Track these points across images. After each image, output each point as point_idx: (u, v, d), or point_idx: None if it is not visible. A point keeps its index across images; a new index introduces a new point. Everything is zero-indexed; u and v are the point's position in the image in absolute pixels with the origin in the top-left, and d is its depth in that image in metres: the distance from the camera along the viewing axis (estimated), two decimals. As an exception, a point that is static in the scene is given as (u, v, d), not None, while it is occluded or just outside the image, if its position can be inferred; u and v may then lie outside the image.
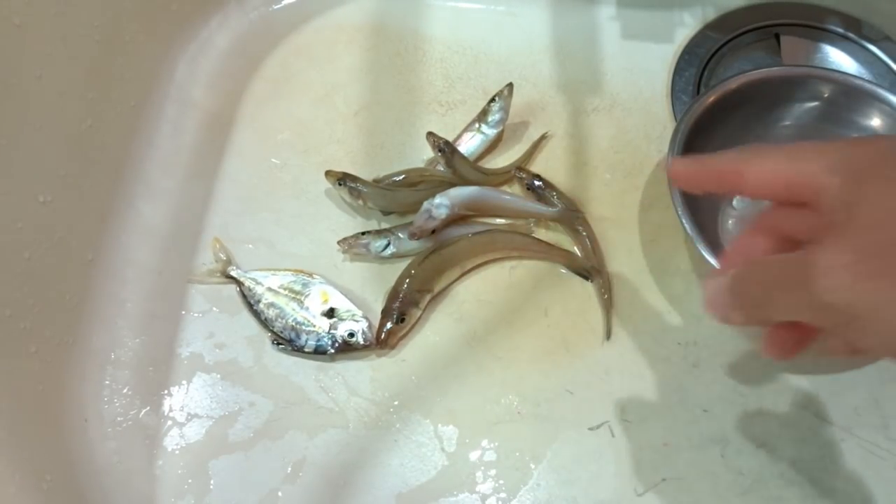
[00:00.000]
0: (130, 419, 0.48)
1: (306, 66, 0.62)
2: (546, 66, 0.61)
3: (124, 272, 0.52)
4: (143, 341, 0.51)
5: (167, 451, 0.47)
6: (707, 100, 0.50)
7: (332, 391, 0.49)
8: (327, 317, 0.50)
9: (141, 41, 0.56)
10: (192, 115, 0.59)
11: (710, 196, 0.44)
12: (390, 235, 0.52)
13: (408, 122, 0.59)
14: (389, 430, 0.47)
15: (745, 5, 0.62)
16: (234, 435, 0.48)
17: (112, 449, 0.47)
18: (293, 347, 0.50)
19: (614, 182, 0.56)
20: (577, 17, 0.63)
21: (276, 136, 0.59)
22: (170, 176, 0.56)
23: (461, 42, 0.63)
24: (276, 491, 0.46)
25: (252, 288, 0.51)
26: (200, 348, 0.50)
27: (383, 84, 0.61)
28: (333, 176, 0.54)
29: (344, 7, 0.64)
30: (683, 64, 0.60)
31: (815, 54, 0.60)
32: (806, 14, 0.62)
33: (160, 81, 0.58)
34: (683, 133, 0.49)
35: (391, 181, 0.55)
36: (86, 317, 0.49)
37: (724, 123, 0.50)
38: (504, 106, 0.56)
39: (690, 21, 0.62)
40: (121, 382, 0.49)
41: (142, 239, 0.53)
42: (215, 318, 0.51)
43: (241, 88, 0.61)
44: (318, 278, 0.52)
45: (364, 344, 0.49)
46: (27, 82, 0.46)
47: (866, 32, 0.60)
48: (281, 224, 0.55)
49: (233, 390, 0.49)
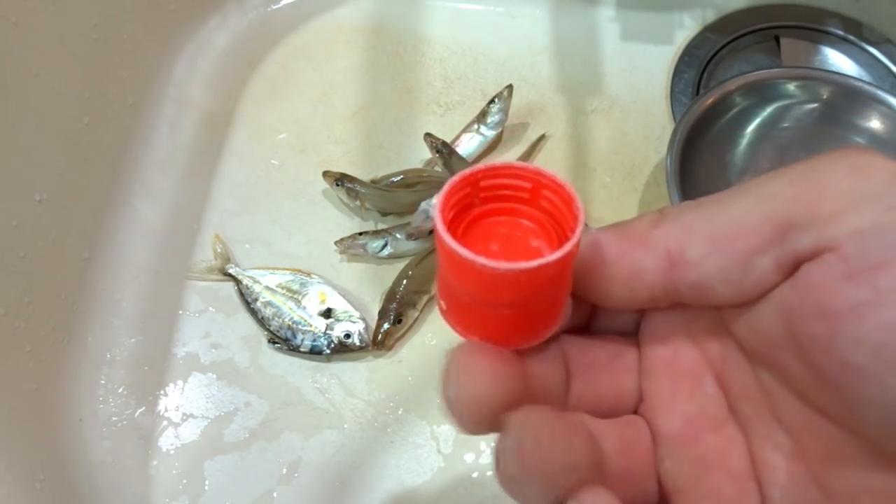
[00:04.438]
0: (125, 419, 0.48)
1: (305, 66, 0.62)
2: (545, 67, 0.61)
3: (120, 271, 0.52)
4: (139, 341, 0.50)
5: (162, 451, 0.47)
6: (706, 101, 0.50)
7: (329, 392, 0.48)
8: (324, 317, 0.49)
9: (139, 40, 0.56)
10: (190, 115, 0.59)
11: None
12: (388, 236, 0.52)
13: (406, 122, 0.59)
14: (385, 431, 0.47)
15: (745, 7, 0.62)
16: (229, 435, 0.47)
17: (106, 449, 0.47)
18: (289, 347, 0.49)
19: (613, 183, 0.55)
20: (577, 18, 0.63)
21: (275, 136, 0.59)
22: (167, 175, 0.56)
23: (460, 43, 0.63)
24: (271, 492, 0.46)
25: (250, 286, 0.51)
26: (196, 348, 0.50)
27: (382, 84, 0.61)
28: (331, 176, 0.53)
29: (343, 7, 0.64)
30: (683, 65, 0.60)
31: (815, 56, 0.60)
32: (806, 16, 0.61)
33: (158, 81, 0.58)
34: (682, 134, 0.48)
35: (389, 182, 0.55)
36: (81, 316, 0.49)
37: (723, 125, 0.50)
38: (503, 107, 0.56)
39: (690, 23, 0.62)
40: (116, 382, 0.49)
41: (138, 238, 0.53)
42: (211, 318, 0.51)
43: (240, 88, 0.61)
44: (317, 278, 0.52)
45: (360, 345, 0.48)
46: (24, 81, 0.45)
47: (866, 35, 0.60)
48: (278, 224, 0.55)
49: (228, 390, 0.49)
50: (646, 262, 0.19)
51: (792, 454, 0.19)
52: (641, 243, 0.19)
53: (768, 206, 0.17)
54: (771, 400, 0.19)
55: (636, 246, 0.19)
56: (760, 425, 0.20)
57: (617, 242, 0.19)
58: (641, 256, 0.19)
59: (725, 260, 0.18)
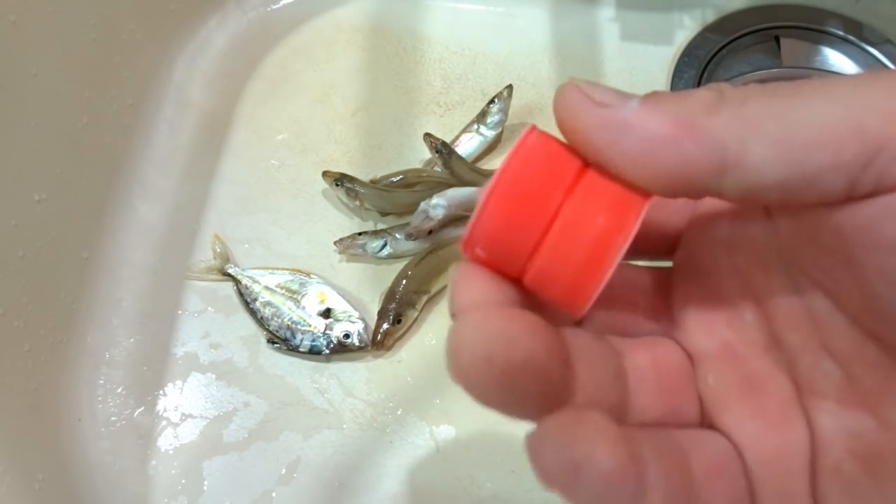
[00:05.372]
0: (124, 419, 0.48)
1: (304, 66, 0.62)
2: (545, 67, 0.61)
3: (120, 271, 0.52)
4: (138, 340, 0.50)
5: (161, 451, 0.47)
6: (706, 101, 0.50)
7: (328, 392, 0.48)
8: (324, 317, 0.49)
9: (139, 40, 0.56)
10: (190, 115, 0.59)
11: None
12: (387, 236, 0.52)
13: (406, 122, 0.59)
14: (385, 431, 0.47)
15: (745, 7, 0.62)
16: (228, 435, 0.47)
17: (105, 448, 0.47)
18: (288, 347, 0.49)
19: (613, 184, 0.55)
20: (577, 18, 0.63)
21: (274, 136, 0.58)
22: (166, 175, 0.56)
23: (460, 43, 0.62)
24: (270, 492, 0.45)
25: (249, 286, 0.51)
26: (195, 348, 0.50)
27: (381, 84, 0.61)
28: (331, 176, 0.53)
29: (342, 7, 0.64)
30: (683, 66, 0.60)
31: (815, 57, 0.60)
32: (806, 16, 0.61)
33: (158, 80, 0.58)
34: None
35: (388, 182, 0.55)
36: (80, 315, 0.49)
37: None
38: (503, 107, 0.56)
39: (690, 23, 0.62)
40: (115, 382, 0.49)
41: (138, 238, 0.53)
42: (211, 318, 0.51)
43: (239, 88, 0.61)
44: (316, 278, 0.52)
45: (359, 345, 0.48)
46: (23, 80, 0.45)
47: (867, 35, 0.60)
48: (278, 224, 0.55)
49: (227, 390, 0.49)
50: (697, 155, 0.16)
51: (843, 383, 0.18)
52: (695, 130, 0.16)
53: (858, 117, 0.15)
54: (821, 329, 0.18)
55: (688, 133, 0.16)
56: (808, 354, 0.18)
57: (665, 122, 0.16)
58: (692, 148, 0.16)
59: (792, 170, 0.15)
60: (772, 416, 0.19)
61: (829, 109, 0.15)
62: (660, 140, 0.16)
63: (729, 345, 0.20)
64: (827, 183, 0.15)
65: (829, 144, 0.15)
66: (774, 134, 0.15)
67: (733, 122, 0.15)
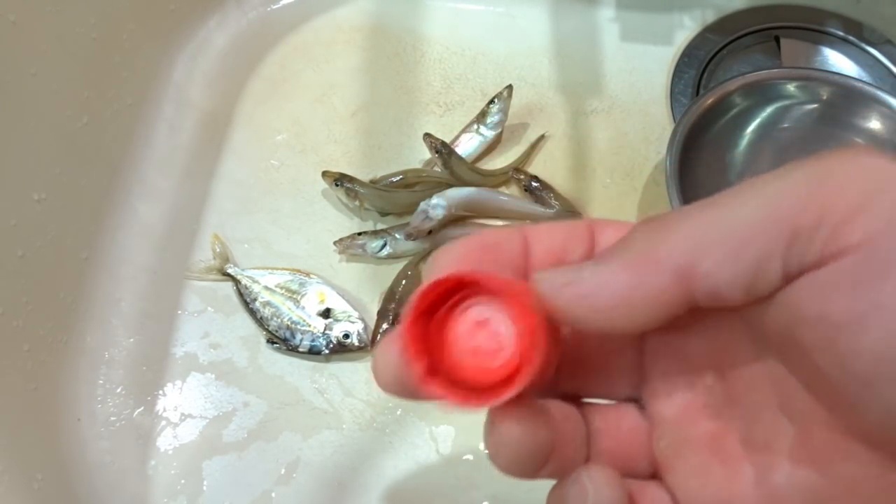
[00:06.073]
0: (124, 419, 0.48)
1: (304, 66, 0.62)
2: (545, 67, 0.61)
3: (119, 271, 0.52)
4: (138, 340, 0.50)
5: (160, 451, 0.47)
6: (706, 102, 0.50)
7: (327, 392, 0.48)
8: (323, 317, 0.49)
9: (138, 40, 0.56)
10: (190, 115, 0.59)
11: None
12: (387, 236, 0.52)
13: (405, 122, 0.59)
14: (384, 431, 0.47)
15: (745, 7, 0.62)
16: (227, 435, 0.47)
17: (105, 448, 0.47)
18: (287, 347, 0.49)
19: (612, 184, 0.55)
20: (577, 18, 0.63)
21: (274, 136, 0.58)
22: (166, 175, 0.56)
23: (460, 43, 0.62)
24: (269, 492, 0.45)
25: (249, 286, 0.51)
26: (195, 348, 0.50)
27: (381, 84, 0.61)
28: (330, 176, 0.53)
29: (342, 7, 0.64)
30: (683, 66, 0.60)
31: (815, 57, 0.60)
32: (806, 17, 0.61)
33: (158, 80, 0.58)
34: (682, 135, 0.48)
35: (388, 182, 0.55)
36: (80, 315, 0.49)
37: (723, 126, 0.50)
38: (503, 108, 0.56)
39: (690, 23, 0.62)
40: (114, 382, 0.49)
41: (137, 238, 0.53)
42: (210, 318, 0.51)
43: (239, 88, 0.61)
44: (316, 278, 0.52)
45: (359, 345, 0.48)
46: (22, 79, 0.45)
47: (867, 36, 0.60)
48: (277, 224, 0.55)
49: (227, 390, 0.49)
50: (660, 283, 0.18)
51: (797, 441, 0.19)
52: (649, 266, 0.18)
53: (774, 209, 0.17)
54: (779, 390, 0.19)
55: (645, 271, 0.18)
56: (766, 413, 0.20)
57: (624, 272, 0.18)
58: (653, 280, 0.18)
59: (737, 268, 0.17)
60: (715, 474, 0.20)
61: (753, 208, 0.17)
62: (622, 286, 0.18)
63: (687, 407, 0.21)
64: (770, 271, 0.17)
65: (758, 238, 0.17)
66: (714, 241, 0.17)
67: (679, 243, 0.18)
